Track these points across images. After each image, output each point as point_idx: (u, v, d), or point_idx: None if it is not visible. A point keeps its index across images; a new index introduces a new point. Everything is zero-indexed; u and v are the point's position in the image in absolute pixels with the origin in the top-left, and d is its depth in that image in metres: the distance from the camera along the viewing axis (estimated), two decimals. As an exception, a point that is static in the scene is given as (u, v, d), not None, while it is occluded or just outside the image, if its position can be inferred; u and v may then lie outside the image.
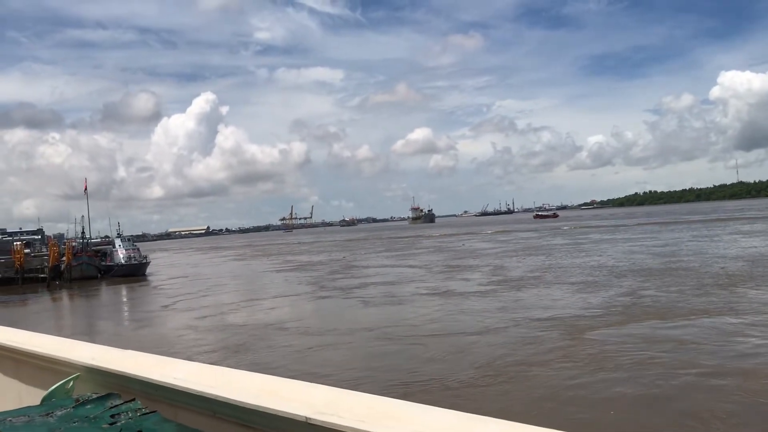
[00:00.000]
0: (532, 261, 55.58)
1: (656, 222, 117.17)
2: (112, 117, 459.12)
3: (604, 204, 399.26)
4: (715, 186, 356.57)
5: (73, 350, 3.50)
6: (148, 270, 73.64)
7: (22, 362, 3.94)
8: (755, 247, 53.18)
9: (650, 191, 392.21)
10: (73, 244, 75.89)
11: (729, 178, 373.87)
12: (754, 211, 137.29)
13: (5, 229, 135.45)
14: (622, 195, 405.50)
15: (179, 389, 2.73)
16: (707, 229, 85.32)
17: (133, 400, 2.88)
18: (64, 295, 58.44)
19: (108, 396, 2.94)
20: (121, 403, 2.86)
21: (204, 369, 2.91)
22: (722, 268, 39.83)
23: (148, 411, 2.78)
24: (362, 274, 54.54)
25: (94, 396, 2.98)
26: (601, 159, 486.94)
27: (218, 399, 2.55)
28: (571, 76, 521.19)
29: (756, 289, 30.52)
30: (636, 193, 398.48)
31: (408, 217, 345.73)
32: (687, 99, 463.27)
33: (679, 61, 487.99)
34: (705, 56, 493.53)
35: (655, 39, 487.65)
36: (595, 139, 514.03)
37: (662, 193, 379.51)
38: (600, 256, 55.90)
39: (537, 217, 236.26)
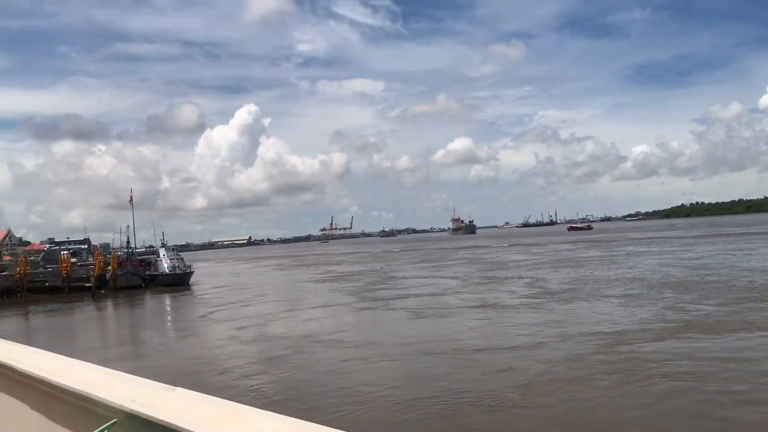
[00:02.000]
0: (568, 273, 55.17)
1: (696, 235, 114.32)
2: (156, 129, 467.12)
3: (649, 215, 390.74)
4: (766, 197, 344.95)
5: (111, 387, 2.81)
6: (192, 279, 74.87)
7: (51, 397, 3.25)
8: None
9: (697, 202, 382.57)
10: (119, 253, 77.51)
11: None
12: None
13: (53, 238, 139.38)
14: (667, 206, 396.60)
15: None
16: (745, 242, 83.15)
17: None
18: (109, 304, 59.67)
19: None
20: None
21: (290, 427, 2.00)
22: (751, 282, 39.67)
23: None
24: (401, 285, 54.46)
25: None
26: (646, 169, 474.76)
27: None
28: (614, 86, 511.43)
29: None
30: (682, 205, 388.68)
31: (448, 228, 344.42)
32: (735, 108, 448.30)
33: (726, 70, 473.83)
34: (753, 64, 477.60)
35: (701, 47, 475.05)
36: (639, 150, 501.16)
37: (709, 204, 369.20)
38: (633, 268, 55.49)
39: (571, 229, 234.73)
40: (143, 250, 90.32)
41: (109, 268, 71.08)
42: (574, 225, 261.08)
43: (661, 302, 33.77)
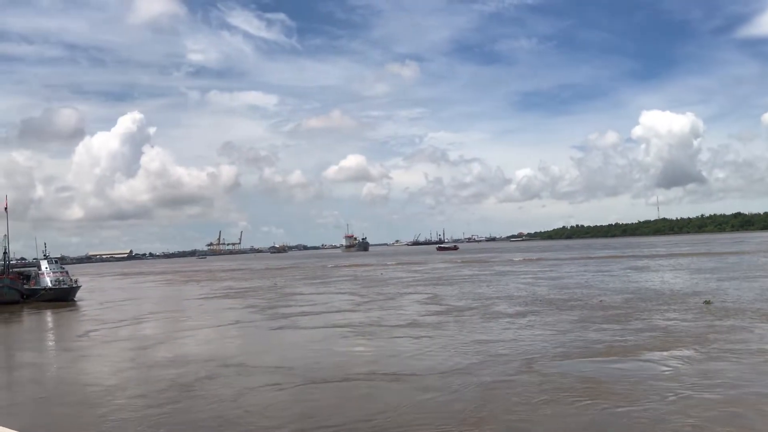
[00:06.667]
0: (447, 290, 59.19)
1: (562, 258, 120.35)
2: (31, 134, 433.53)
3: (532, 236, 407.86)
4: (639, 221, 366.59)
5: None
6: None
7: None
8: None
9: (576, 225, 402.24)
10: (-8, 265, 71.26)
11: (650, 214, 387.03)
12: (670, 246, 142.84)
13: None
14: (549, 228, 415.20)
15: None
16: (606, 264, 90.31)
17: None
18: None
19: None
20: None
21: None
22: (601, 300, 44.13)
23: None
24: (303, 302, 53.26)
25: None
26: (529, 192, 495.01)
27: None
28: (501, 111, 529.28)
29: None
30: (563, 227, 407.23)
31: (341, 245, 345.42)
32: (611, 137, 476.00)
33: (604, 100, 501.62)
34: (628, 96, 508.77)
35: (581, 78, 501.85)
36: (523, 173, 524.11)
37: (589, 227, 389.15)
38: (503, 286, 61.43)
39: (439, 249, 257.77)
40: (14, 262, 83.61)
41: (-20, 281, 65.06)
42: (441, 245, 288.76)
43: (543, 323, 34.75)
